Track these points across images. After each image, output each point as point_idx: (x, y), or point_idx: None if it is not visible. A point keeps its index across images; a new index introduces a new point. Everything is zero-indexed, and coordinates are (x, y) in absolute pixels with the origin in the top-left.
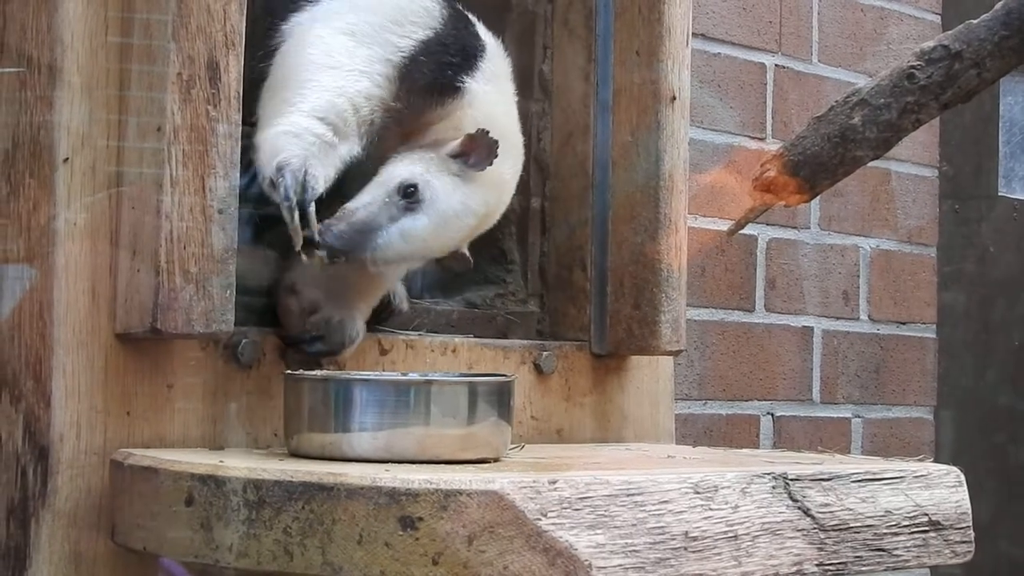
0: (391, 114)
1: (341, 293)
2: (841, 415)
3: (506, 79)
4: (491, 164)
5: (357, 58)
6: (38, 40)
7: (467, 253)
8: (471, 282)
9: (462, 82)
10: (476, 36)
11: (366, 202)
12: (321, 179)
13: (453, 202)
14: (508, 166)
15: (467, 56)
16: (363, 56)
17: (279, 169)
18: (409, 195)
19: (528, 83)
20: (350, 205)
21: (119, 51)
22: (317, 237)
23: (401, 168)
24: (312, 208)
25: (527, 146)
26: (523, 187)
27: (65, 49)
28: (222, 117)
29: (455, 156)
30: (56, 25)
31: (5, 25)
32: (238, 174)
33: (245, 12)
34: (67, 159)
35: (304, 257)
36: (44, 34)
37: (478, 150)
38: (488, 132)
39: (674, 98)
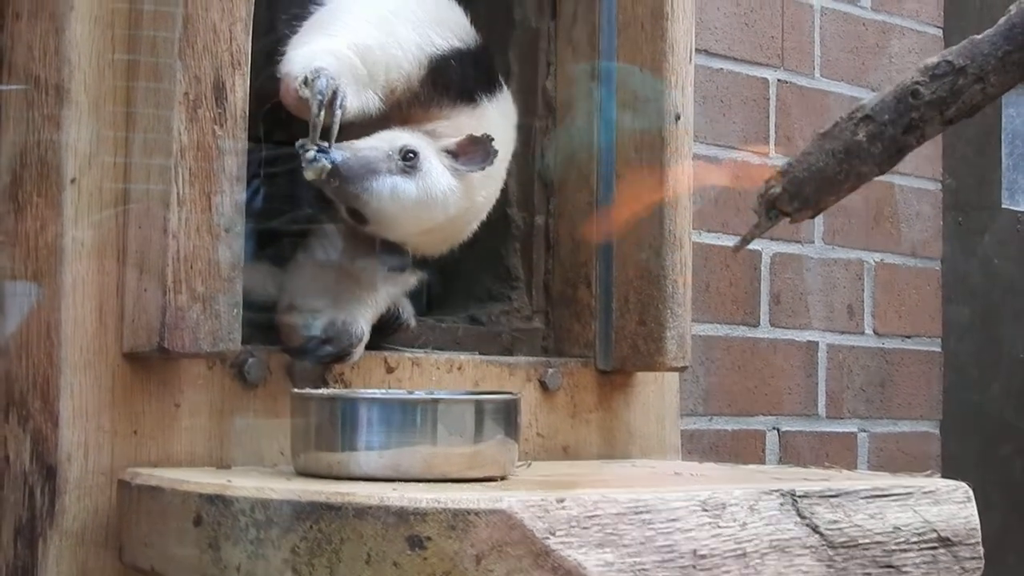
0: (408, 94)
1: (339, 298)
2: (847, 430)
3: (511, 123)
4: (482, 169)
5: (398, 34)
6: (45, 61)
7: (409, 251)
8: (476, 299)
9: (480, 97)
10: (498, 74)
11: (372, 145)
12: (349, 100)
13: (440, 186)
14: (484, 193)
15: (490, 81)
16: (403, 34)
17: (317, 70)
18: (408, 159)
19: (532, 100)
20: (356, 143)
21: (126, 68)
22: (331, 145)
23: (405, 135)
24: (338, 120)
25: (531, 162)
26: (527, 203)
27: (72, 69)
28: (228, 136)
29: (449, 152)
30: (63, 46)
31: (13, 46)
32: (244, 193)
33: (250, 32)
34: (74, 179)
35: (308, 161)
36: (51, 55)
37: (475, 153)
38: (492, 139)
39: (678, 116)
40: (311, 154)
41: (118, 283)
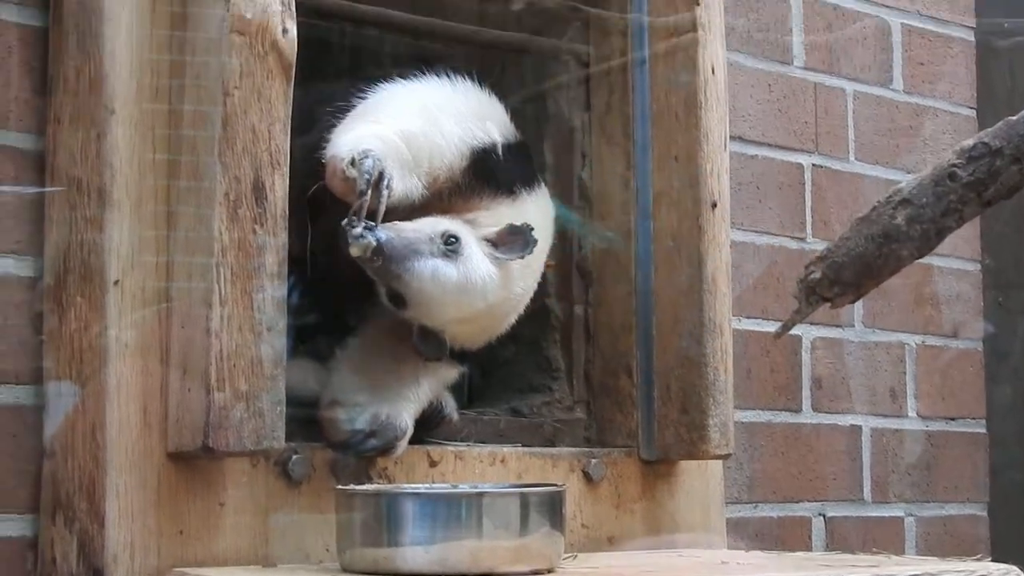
0: (449, 184)
1: (382, 392)
2: (893, 514)
3: (550, 218)
4: (521, 258)
5: (441, 124)
6: (87, 164)
7: (446, 339)
8: (517, 390)
9: (519, 189)
10: (536, 169)
11: (415, 227)
12: (396, 183)
13: (480, 272)
14: (523, 284)
15: (528, 176)
16: (446, 125)
17: (364, 152)
18: (450, 244)
19: (568, 191)
20: (400, 224)
21: (166, 168)
22: (376, 225)
23: (447, 221)
24: (384, 200)
25: (570, 254)
26: (566, 294)
27: (114, 173)
28: (269, 235)
29: (488, 240)
30: (104, 150)
31: (55, 150)
32: (286, 291)
33: (289, 132)
34: (117, 281)
35: (353, 237)
36: (93, 159)
37: (514, 242)
38: (532, 229)
39: (715, 204)
40: (357, 231)
41: (162, 383)
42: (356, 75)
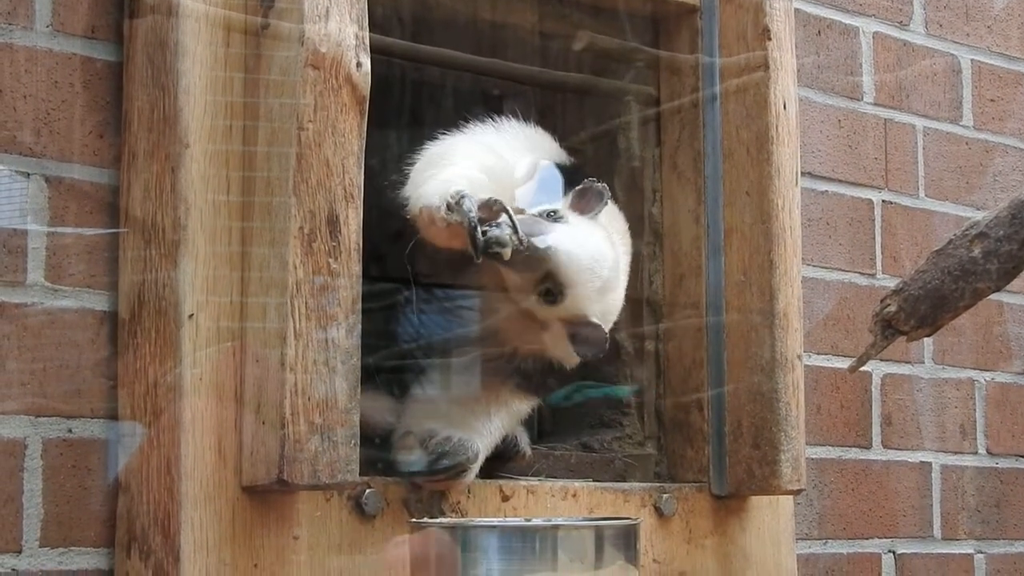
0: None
1: (454, 418)
2: (964, 551)
3: (621, 218)
4: (604, 206)
5: (505, 156)
6: (161, 200)
7: (601, 328)
8: (588, 425)
9: None
10: (598, 187)
11: (519, 216)
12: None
13: (587, 228)
14: (623, 247)
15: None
16: (509, 158)
17: (458, 194)
18: (553, 215)
19: (638, 226)
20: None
21: (241, 209)
22: (521, 232)
23: (534, 208)
24: (511, 213)
25: (639, 288)
26: (637, 329)
27: (189, 209)
28: (343, 269)
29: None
30: (179, 186)
31: (129, 186)
32: (360, 325)
33: (362, 166)
34: (192, 315)
35: (495, 239)
36: (167, 194)
37: (588, 200)
38: (596, 180)
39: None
40: (495, 232)
41: (236, 417)
42: (417, 115)
